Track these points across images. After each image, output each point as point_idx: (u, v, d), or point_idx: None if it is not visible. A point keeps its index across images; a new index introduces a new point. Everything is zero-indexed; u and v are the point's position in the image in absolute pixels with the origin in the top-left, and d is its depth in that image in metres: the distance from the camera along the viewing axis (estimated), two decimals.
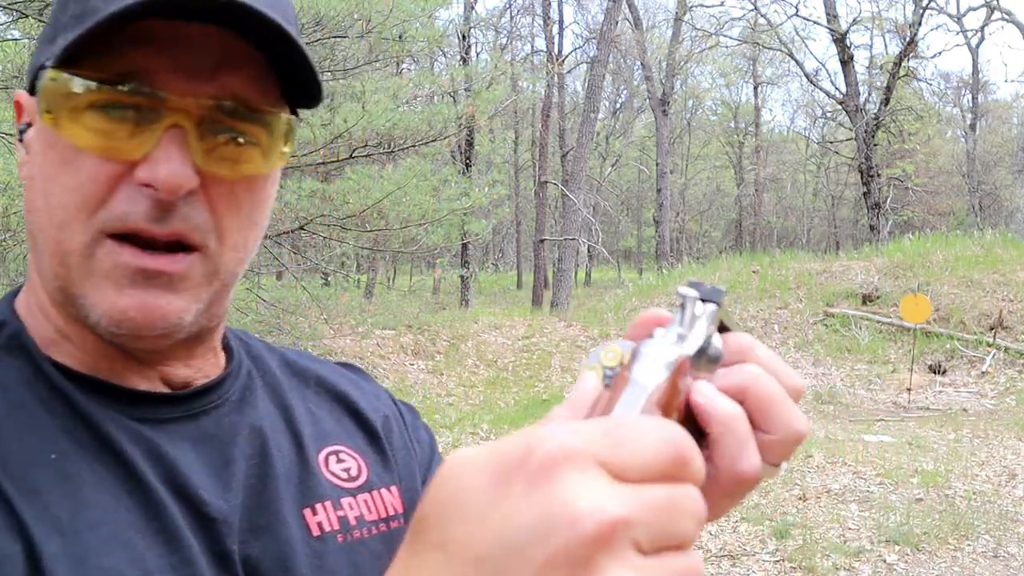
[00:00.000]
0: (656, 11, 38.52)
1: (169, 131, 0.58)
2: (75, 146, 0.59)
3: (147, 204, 0.58)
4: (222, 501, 0.63)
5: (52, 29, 0.62)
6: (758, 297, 14.27)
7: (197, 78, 0.59)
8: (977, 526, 5.35)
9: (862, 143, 21.69)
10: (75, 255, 0.59)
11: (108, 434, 0.60)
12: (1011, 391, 10.36)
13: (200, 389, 0.67)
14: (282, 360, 0.79)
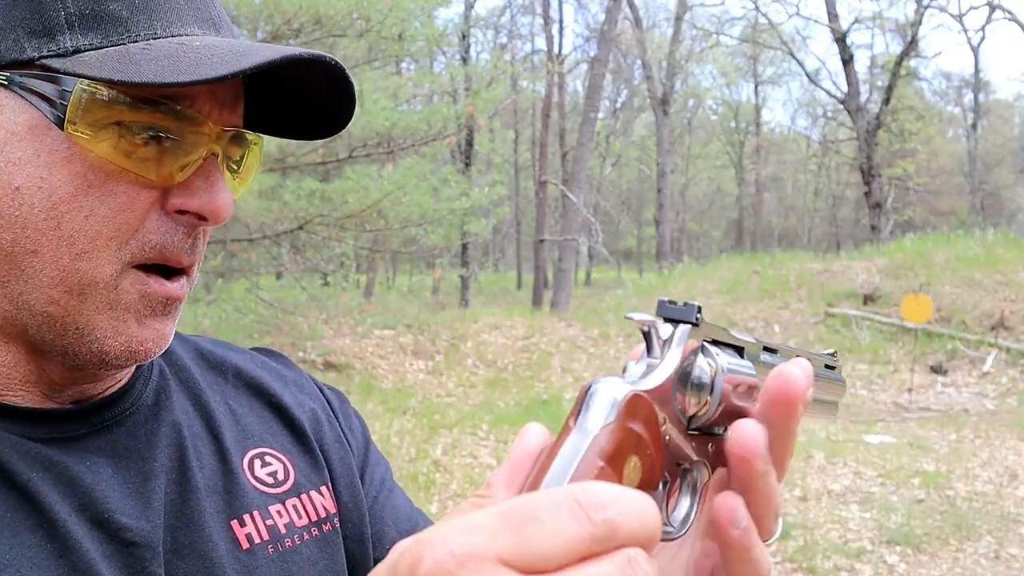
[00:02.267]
0: (656, 10, 38.52)
1: (208, 159, 0.57)
2: (105, 167, 0.54)
3: (183, 233, 0.57)
4: (144, 522, 0.58)
5: (36, 17, 0.53)
6: (759, 297, 14.25)
7: (226, 107, 0.58)
8: (978, 527, 5.33)
9: (863, 143, 21.67)
10: (100, 286, 0.55)
11: (10, 465, 0.54)
12: (1012, 391, 10.33)
13: (109, 398, 0.62)
14: (196, 351, 0.73)
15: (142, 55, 0.53)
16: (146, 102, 0.54)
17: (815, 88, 28.44)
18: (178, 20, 0.56)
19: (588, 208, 21.35)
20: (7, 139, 0.54)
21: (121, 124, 0.54)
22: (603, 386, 0.39)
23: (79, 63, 0.53)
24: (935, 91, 35.38)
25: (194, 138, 0.56)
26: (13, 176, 0.53)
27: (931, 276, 13.45)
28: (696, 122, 38.86)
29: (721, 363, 0.45)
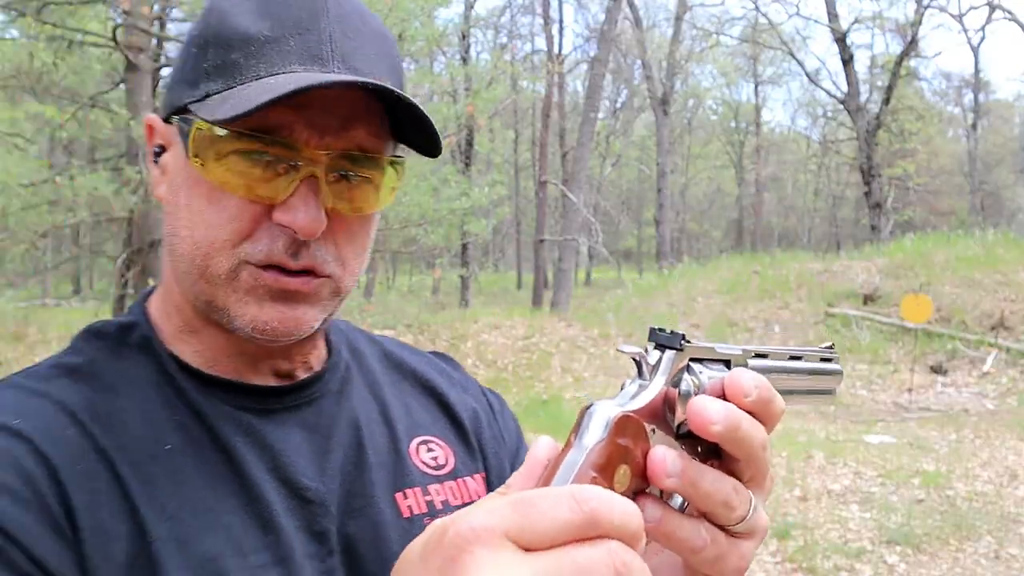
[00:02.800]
0: (656, 10, 38.54)
1: (305, 180, 0.66)
2: (222, 188, 0.66)
3: (285, 242, 0.67)
4: (321, 484, 0.72)
5: (192, 72, 0.69)
6: (759, 297, 14.25)
7: (328, 134, 0.67)
8: (978, 527, 5.33)
9: (863, 143, 21.67)
10: (220, 278, 0.68)
11: (217, 429, 0.69)
12: (1013, 391, 10.33)
13: (303, 382, 0.76)
14: (382, 353, 0.88)
15: (233, 97, 0.65)
16: (250, 135, 0.65)
17: (815, 88, 28.45)
18: (282, 61, 0.66)
19: (588, 208, 21.34)
20: (176, 169, 0.71)
21: (233, 153, 0.66)
22: (599, 409, 0.48)
23: (201, 107, 0.66)
24: (935, 91, 35.39)
25: (290, 164, 0.66)
26: (177, 197, 0.70)
27: (931, 276, 13.44)
28: (696, 122, 38.85)
29: (702, 380, 0.53)
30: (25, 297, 11.96)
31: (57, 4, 8.56)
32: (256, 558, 0.66)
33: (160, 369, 0.71)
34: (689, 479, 0.50)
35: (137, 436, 0.67)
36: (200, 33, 0.69)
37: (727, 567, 0.55)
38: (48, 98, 9.97)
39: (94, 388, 0.69)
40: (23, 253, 9.89)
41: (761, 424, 0.53)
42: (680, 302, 14.60)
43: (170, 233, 0.71)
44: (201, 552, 0.64)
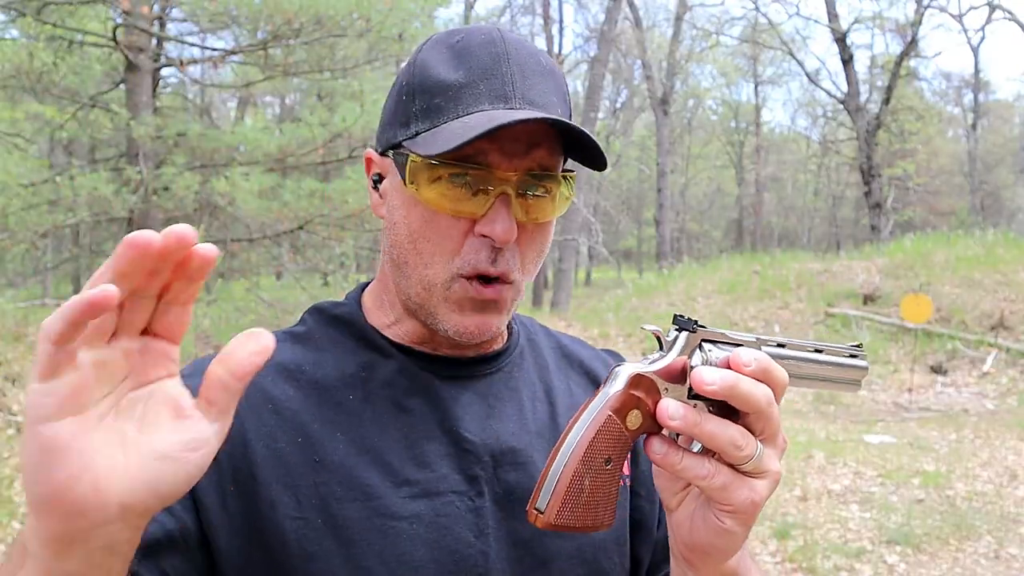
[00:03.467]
0: (656, 10, 38.59)
1: (500, 197, 0.81)
2: (433, 208, 0.82)
3: (486, 251, 0.82)
4: (478, 439, 0.86)
5: (403, 115, 0.85)
6: (759, 297, 14.25)
7: (515, 157, 0.81)
8: (978, 527, 5.33)
9: (863, 143, 21.66)
10: (438, 287, 0.84)
11: (398, 386, 0.87)
12: (1012, 391, 10.33)
13: (484, 357, 0.93)
14: (556, 344, 1.04)
15: (440, 134, 0.80)
16: (453, 163, 0.80)
17: (815, 88, 28.44)
18: (475, 102, 0.81)
19: (588, 208, 21.33)
20: (392, 192, 0.87)
21: (440, 179, 0.81)
22: (622, 369, 0.69)
23: (414, 143, 0.82)
24: (935, 91, 35.38)
25: (486, 184, 0.81)
26: (394, 215, 0.86)
27: (931, 276, 13.44)
28: (696, 122, 38.83)
29: (710, 356, 0.70)
30: (25, 297, 11.95)
31: (57, 4, 8.56)
32: (408, 490, 0.82)
33: (361, 336, 0.90)
34: (691, 422, 0.66)
35: (329, 387, 0.85)
36: (407, 83, 0.85)
37: (735, 496, 0.68)
38: (48, 98, 9.97)
39: (307, 348, 0.89)
40: (23, 253, 9.88)
41: (766, 386, 0.68)
42: (680, 302, 14.60)
43: (392, 245, 0.87)
44: (362, 480, 0.81)
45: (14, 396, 7.08)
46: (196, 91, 15.80)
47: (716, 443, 0.67)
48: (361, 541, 0.79)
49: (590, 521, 0.68)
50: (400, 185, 0.84)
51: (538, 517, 0.67)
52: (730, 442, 0.67)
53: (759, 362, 0.68)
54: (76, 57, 9.60)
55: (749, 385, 0.67)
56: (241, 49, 9.68)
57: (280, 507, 0.78)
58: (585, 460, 0.67)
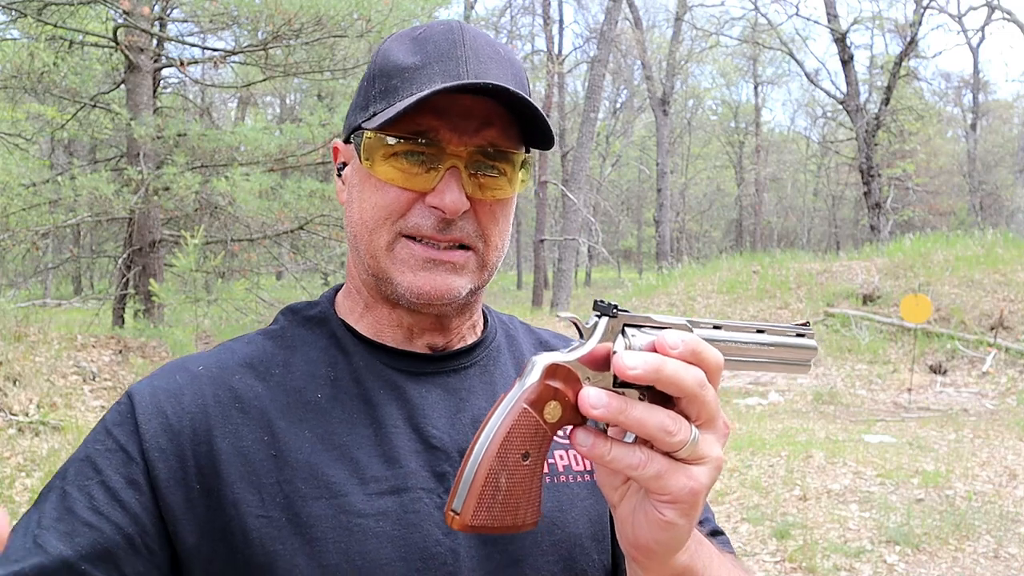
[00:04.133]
0: (656, 11, 38.61)
1: (449, 171, 0.84)
2: (384, 180, 0.85)
3: (434, 220, 0.84)
4: (446, 435, 0.86)
5: (364, 99, 0.89)
6: (758, 297, 14.26)
7: (466, 134, 0.84)
8: (978, 527, 5.33)
9: (862, 143, 21.67)
10: (382, 250, 0.86)
11: (367, 384, 0.87)
12: (1012, 391, 10.34)
13: (454, 352, 0.93)
14: (537, 340, 1.05)
15: (390, 110, 0.82)
16: (403, 138, 0.83)
17: (815, 88, 28.43)
18: (428, 81, 0.84)
19: (588, 208, 21.33)
20: (351, 175, 0.91)
21: (393, 154, 0.84)
22: (538, 360, 0.66)
23: (368, 123, 0.85)
24: (934, 91, 35.38)
25: (436, 159, 0.84)
26: (352, 195, 0.90)
27: (931, 276, 13.45)
28: (696, 122, 38.84)
29: (633, 342, 0.67)
30: (25, 297, 11.95)
31: (58, 4, 8.56)
32: (375, 486, 0.82)
33: (332, 335, 0.91)
34: (615, 409, 0.63)
35: (298, 385, 0.86)
36: (369, 71, 0.90)
37: (672, 485, 0.65)
38: (49, 98, 9.97)
39: (280, 347, 0.90)
40: (24, 253, 9.88)
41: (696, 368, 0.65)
42: (680, 302, 14.60)
43: (348, 224, 0.90)
44: (328, 478, 0.81)
45: (14, 396, 7.08)
46: (196, 91, 15.80)
47: (645, 430, 0.64)
48: (326, 539, 0.79)
49: (510, 521, 0.65)
50: (357, 165, 0.88)
51: (454, 519, 0.64)
52: (660, 428, 0.64)
53: (687, 344, 0.65)
54: (77, 57, 9.60)
55: (676, 367, 0.63)
56: (241, 49, 9.68)
57: (244, 505, 0.78)
58: (500, 457, 0.64)
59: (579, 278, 31.78)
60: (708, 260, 22.56)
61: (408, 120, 0.83)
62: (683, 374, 0.64)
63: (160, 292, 8.06)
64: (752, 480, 6.38)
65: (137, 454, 0.79)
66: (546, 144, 0.89)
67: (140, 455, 0.78)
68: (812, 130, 39.92)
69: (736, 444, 7.44)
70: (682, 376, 0.64)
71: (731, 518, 5.61)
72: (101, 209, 8.83)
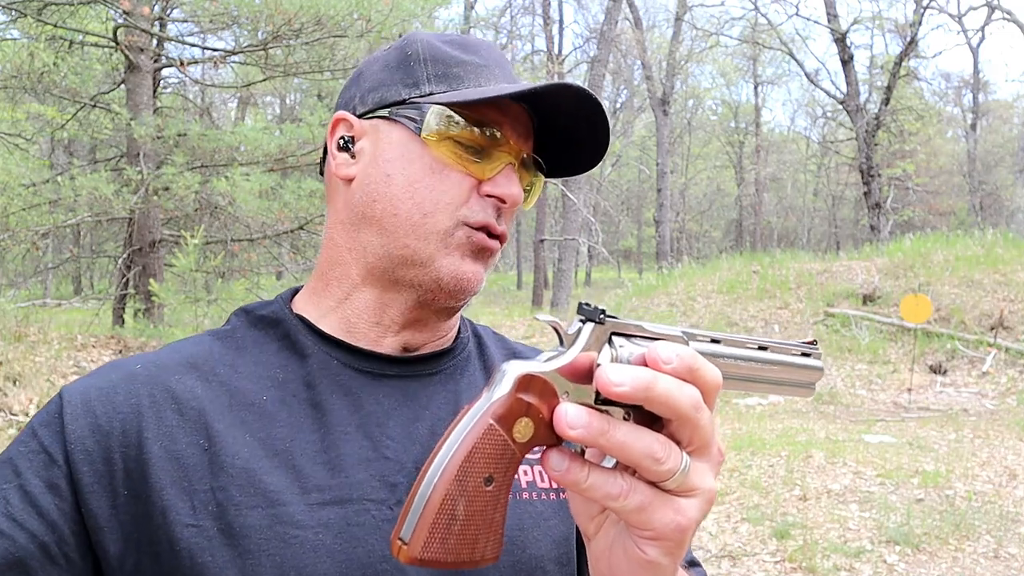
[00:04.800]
0: (656, 11, 38.62)
1: (508, 165, 0.84)
2: (443, 161, 0.83)
3: (492, 210, 0.84)
4: (400, 445, 0.81)
5: (409, 76, 0.86)
6: (758, 297, 14.26)
7: (521, 137, 0.86)
8: (978, 527, 5.33)
9: (862, 143, 21.67)
10: (438, 234, 0.82)
11: (318, 387, 0.82)
12: (1012, 391, 10.34)
13: (423, 356, 0.88)
14: (511, 352, 1.00)
15: (471, 92, 0.83)
16: (472, 124, 0.82)
17: (814, 88, 28.43)
18: (491, 78, 0.86)
19: (588, 208, 21.34)
20: (384, 148, 0.85)
21: (455, 137, 0.82)
22: (509, 368, 0.56)
23: (432, 99, 0.83)
24: (934, 91, 35.38)
25: (500, 150, 0.84)
26: (387, 168, 0.84)
27: (931, 276, 13.45)
28: (696, 122, 38.84)
29: (621, 353, 0.58)
30: (25, 297, 11.95)
31: (58, 4, 8.57)
32: (316, 496, 0.76)
33: (285, 336, 0.86)
34: (596, 430, 0.54)
35: (243, 387, 0.81)
36: (413, 52, 0.87)
37: (657, 520, 0.57)
38: (49, 98, 9.97)
39: (228, 347, 0.85)
40: (24, 253, 9.89)
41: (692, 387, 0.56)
42: (680, 302, 14.60)
43: (374, 200, 0.84)
44: (266, 486, 0.75)
45: (14, 396, 7.08)
46: (196, 91, 15.80)
47: (630, 455, 0.55)
48: (259, 551, 0.73)
49: (466, 555, 0.55)
50: (402, 139, 0.84)
51: (401, 549, 0.55)
52: (647, 454, 0.55)
53: (683, 359, 0.56)
54: (77, 57, 9.61)
55: (669, 385, 0.55)
56: (242, 49, 9.69)
57: (173, 513, 0.72)
58: (459, 480, 0.54)
59: (579, 278, 31.80)
60: (708, 260, 22.56)
61: (476, 110, 0.83)
62: (676, 393, 0.55)
63: (160, 292, 8.06)
64: (752, 480, 6.38)
65: (60, 456, 0.73)
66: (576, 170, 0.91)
67: (64, 458, 0.73)
68: (812, 130, 39.96)
69: (736, 444, 7.44)
70: (675, 396, 0.55)
71: (731, 518, 5.61)
72: (101, 209, 8.83)
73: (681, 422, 0.56)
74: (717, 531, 5.35)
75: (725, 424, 8.54)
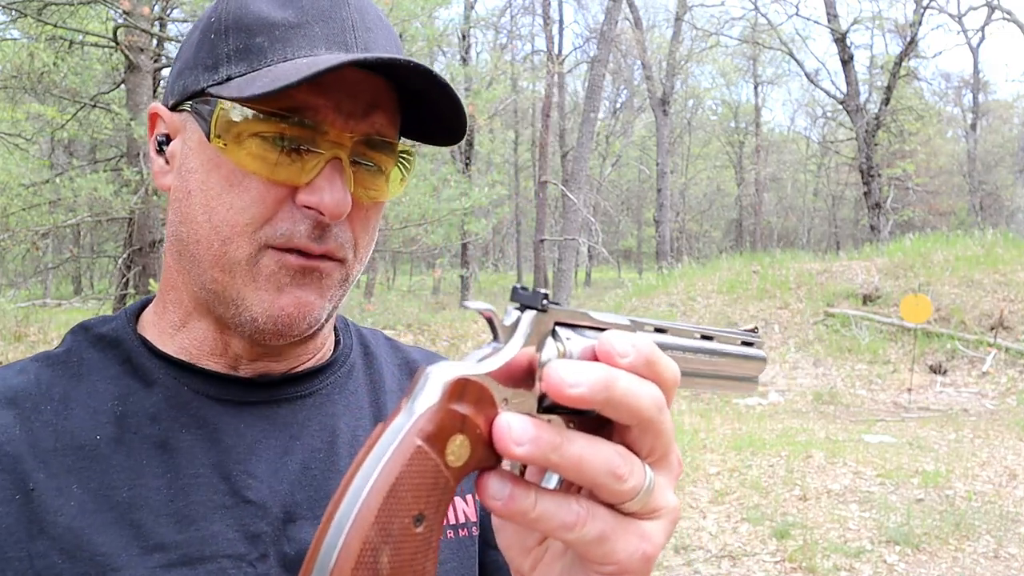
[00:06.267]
0: (656, 11, 38.64)
1: (331, 163, 0.66)
2: (242, 169, 0.66)
3: (308, 225, 0.66)
4: (266, 486, 0.68)
5: (209, 56, 0.68)
6: (758, 297, 14.26)
7: (353, 117, 0.67)
8: (978, 526, 5.33)
9: (862, 143, 21.67)
10: (241, 264, 0.67)
11: (163, 422, 0.68)
12: (1012, 391, 10.34)
13: (291, 376, 0.74)
14: (404, 360, 0.85)
15: (262, 76, 0.64)
16: (275, 116, 0.65)
17: (815, 88, 28.44)
18: (308, 45, 0.66)
19: (588, 208, 21.34)
20: (187, 154, 0.69)
21: (257, 134, 0.65)
22: (434, 371, 0.43)
23: (224, 88, 0.66)
24: (934, 91, 35.40)
25: (315, 145, 0.66)
26: (188, 182, 0.68)
27: (931, 276, 13.45)
28: (696, 122, 38.84)
29: (569, 346, 0.47)
30: (25, 297, 11.96)
31: (58, 4, 8.57)
32: (160, 556, 0.62)
33: (126, 360, 0.71)
34: (548, 445, 0.42)
35: (73, 426, 0.66)
36: (218, 19, 0.69)
37: (621, 549, 0.45)
38: (49, 98, 9.98)
39: (59, 374, 0.69)
40: (24, 253, 9.89)
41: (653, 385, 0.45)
42: (680, 302, 14.60)
43: (180, 221, 0.69)
44: (95, 548, 0.61)
45: None
46: None
47: (587, 473, 0.43)
48: None
49: None
50: (201, 142, 0.67)
51: None
52: (607, 470, 0.44)
53: (640, 351, 0.45)
54: (77, 57, 9.61)
55: (631, 384, 0.44)
56: None
57: None
58: (381, 523, 0.40)
59: (579, 278, 31.77)
60: (708, 260, 22.56)
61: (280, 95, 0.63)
62: (640, 394, 0.44)
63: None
64: (752, 480, 6.38)
65: None
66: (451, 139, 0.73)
67: None
68: (812, 130, 39.97)
69: (736, 444, 7.44)
70: (639, 397, 0.44)
71: (731, 518, 5.61)
72: (101, 209, 8.83)
73: (643, 428, 0.45)
74: (717, 531, 5.35)
75: (725, 424, 8.54)
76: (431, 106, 0.70)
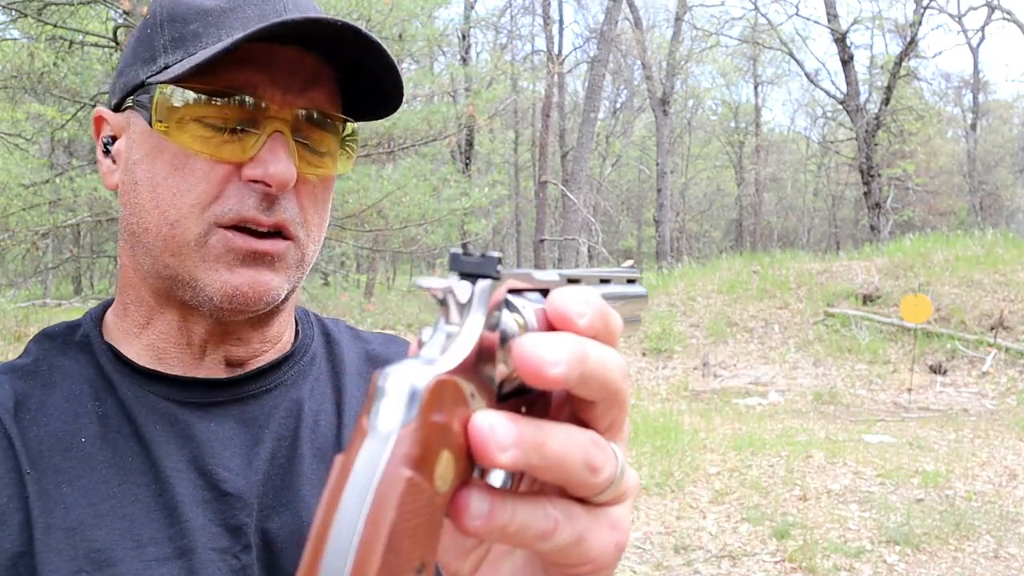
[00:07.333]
0: (656, 11, 38.63)
1: (273, 136, 0.68)
2: (186, 151, 0.67)
3: (256, 198, 0.68)
4: (242, 478, 0.70)
5: (147, 50, 0.71)
6: (758, 297, 14.25)
7: (291, 92, 0.69)
8: (978, 527, 5.34)
9: (862, 143, 21.67)
10: (190, 245, 0.68)
11: (140, 422, 0.69)
12: (1012, 391, 10.34)
13: (251, 373, 0.75)
14: (364, 351, 0.85)
15: (194, 59, 0.65)
16: (215, 95, 0.67)
17: (814, 88, 28.43)
18: (241, 26, 0.68)
19: (588, 208, 21.33)
20: (131, 147, 0.71)
21: (198, 115, 0.67)
22: (398, 374, 0.31)
23: (161, 76, 0.68)
24: (934, 91, 35.39)
25: (255, 122, 0.68)
26: (135, 173, 0.70)
27: (930, 276, 13.45)
28: (696, 122, 38.83)
29: (527, 316, 0.38)
30: (25, 297, 11.97)
31: (58, 4, 8.57)
32: (153, 550, 0.64)
33: (96, 364, 0.72)
34: (531, 445, 0.33)
35: (56, 429, 0.67)
36: (153, 15, 0.72)
37: (596, 546, 0.38)
38: (49, 98, 9.97)
39: (32, 384, 0.70)
40: (24, 253, 9.89)
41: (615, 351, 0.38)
42: (680, 302, 14.60)
43: (129, 213, 0.71)
44: (90, 542, 0.63)
45: None
46: None
47: (567, 469, 0.35)
48: None
49: None
50: (144, 131, 0.69)
51: None
52: (584, 463, 0.36)
53: (595, 307, 0.37)
54: (77, 57, 9.61)
55: (600, 354, 0.36)
56: None
57: None
58: None
59: None
60: (708, 260, 22.55)
61: (218, 75, 0.66)
62: (608, 363, 0.36)
63: None
64: (752, 480, 6.38)
65: None
66: (385, 111, 0.75)
67: None
68: (812, 130, 39.96)
69: (736, 444, 7.44)
70: (609, 367, 0.36)
71: (731, 518, 5.61)
72: (101, 209, 8.83)
73: (610, 402, 0.38)
74: (717, 531, 5.35)
75: (725, 424, 8.54)
76: (368, 76, 0.72)
